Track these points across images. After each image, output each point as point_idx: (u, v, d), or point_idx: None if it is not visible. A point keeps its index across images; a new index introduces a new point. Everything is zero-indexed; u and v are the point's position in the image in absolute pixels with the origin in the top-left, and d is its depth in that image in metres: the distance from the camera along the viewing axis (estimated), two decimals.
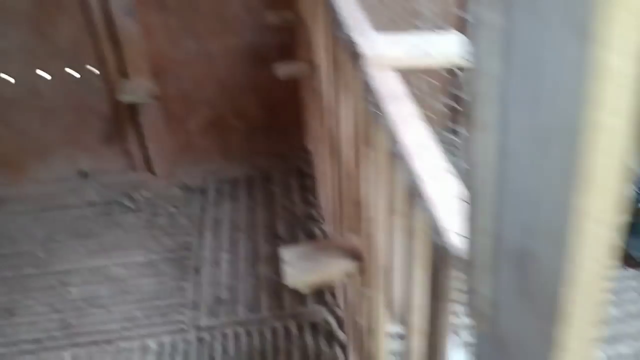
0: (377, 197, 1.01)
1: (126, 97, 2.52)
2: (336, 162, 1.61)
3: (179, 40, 2.71)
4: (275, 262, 2.27)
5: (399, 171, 0.88)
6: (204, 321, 2.18)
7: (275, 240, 2.54)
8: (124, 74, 2.68)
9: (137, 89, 2.58)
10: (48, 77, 2.71)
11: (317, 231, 2.57)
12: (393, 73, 0.94)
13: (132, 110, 2.78)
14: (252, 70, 2.83)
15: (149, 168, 2.99)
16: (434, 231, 0.65)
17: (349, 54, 1.06)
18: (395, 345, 1.29)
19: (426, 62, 0.94)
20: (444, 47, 0.95)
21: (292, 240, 2.53)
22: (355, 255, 1.29)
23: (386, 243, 0.98)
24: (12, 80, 2.69)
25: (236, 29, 2.72)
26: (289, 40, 2.77)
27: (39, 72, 2.68)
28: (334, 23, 1.27)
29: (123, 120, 2.84)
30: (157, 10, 2.63)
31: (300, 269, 1.25)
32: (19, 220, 2.76)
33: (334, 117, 1.51)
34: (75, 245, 2.57)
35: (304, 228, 2.60)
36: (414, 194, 0.75)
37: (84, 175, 2.99)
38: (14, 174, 2.95)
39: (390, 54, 0.94)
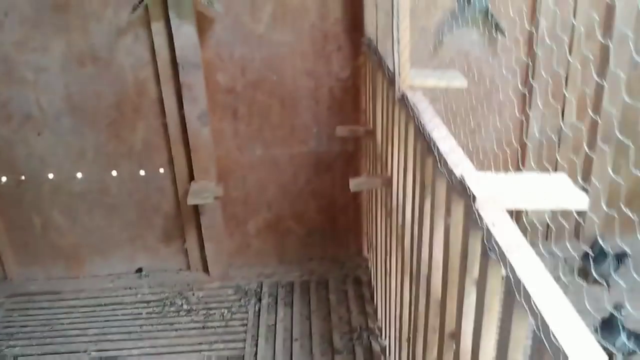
0: (487, 337, 0.96)
1: (191, 200, 2.57)
2: (416, 284, 1.57)
3: (246, 146, 2.80)
4: None
5: (519, 321, 0.84)
6: None
7: (331, 352, 2.45)
8: (191, 176, 2.76)
9: (202, 191, 2.63)
10: (117, 174, 2.80)
11: (374, 345, 2.47)
12: (507, 216, 0.93)
13: (194, 210, 2.83)
14: (314, 175, 2.88)
15: (205, 268, 2.99)
16: None
17: (457, 192, 1.06)
18: None
19: (543, 205, 0.93)
20: (560, 189, 0.94)
21: (349, 353, 2.44)
22: None
23: None
24: (82, 176, 2.79)
25: (303, 138, 2.79)
26: (353, 149, 2.82)
27: (110, 171, 2.78)
28: (431, 154, 1.28)
29: (184, 220, 2.89)
30: (229, 118, 2.73)
31: None
32: (74, 314, 2.75)
33: (419, 240, 1.50)
34: (128, 346, 2.53)
35: (361, 341, 2.51)
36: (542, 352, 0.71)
37: (140, 272, 3.01)
38: (72, 267, 2.99)
39: (505, 195, 0.93)
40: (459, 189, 1.04)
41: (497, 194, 0.95)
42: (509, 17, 2.53)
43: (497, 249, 0.85)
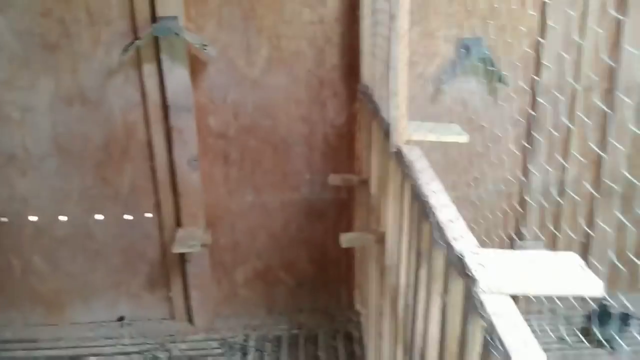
0: None
1: (177, 248, 2.46)
2: (409, 355, 1.45)
3: (236, 191, 2.70)
4: None
5: None
6: None
7: None
8: (178, 222, 2.65)
9: (189, 238, 2.52)
10: (102, 218, 2.69)
11: None
12: (513, 304, 0.82)
13: (180, 257, 2.72)
14: (306, 223, 2.77)
15: (189, 318, 2.85)
16: None
17: (456, 270, 0.96)
18: None
19: (554, 291, 0.83)
20: (571, 272, 0.84)
21: None
22: None
23: None
24: (65, 219, 2.68)
25: (295, 185, 2.70)
26: (347, 197, 2.73)
27: (95, 215, 2.67)
28: (428, 221, 1.18)
29: (170, 267, 2.77)
30: (220, 163, 2.65)
31: None
32: None
33: (413, 310, 1.39)
34: None
35: None
36: None
37: (122, 320, 2.87)
38: (52, 313, 2.85)
39: (511, 279, 0.83)
40: (458, 267, 0.94)
41: (502, 277, 0.85)
42: (511, 66, 2.48)
43: (501, 348, 0.74)
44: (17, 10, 2.35)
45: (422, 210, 1.28)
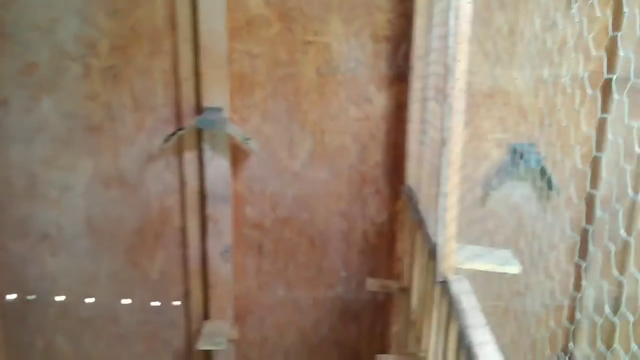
0: None
1: (202, 345, 2.33)
2: None
3: (268, 285, 2.59)
4: None
5: None
6: None
7: None
8: (206, 312, 2.55)
9: (216, 334, 2.40)
10: (129, 302, 2.61)
11: None
12: None
13: (206, 350, 2.59)
14: (339, 324, 2.63)
15: None
16: None
17: None
18: None
19: None
20: None
21: None
22: None
23: None
24: (92, 300, 2.61)
25: (330, 282, 2.58)
26: (384, 300, 2.58)
27: (122, 299, 2.60)
28: None
29: (194, 358, 2.64)
30: (253, 254, 2.55)
31: None
32: None
33: None
34: None
35: None
36: None
37: None
38: None
39: None
40: None
41: None
42: (565, 175, 2.35)
43: None
44: (64, 92, 2.37)
45: (467, 355, 1.14)
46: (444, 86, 1.44)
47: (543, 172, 2.35)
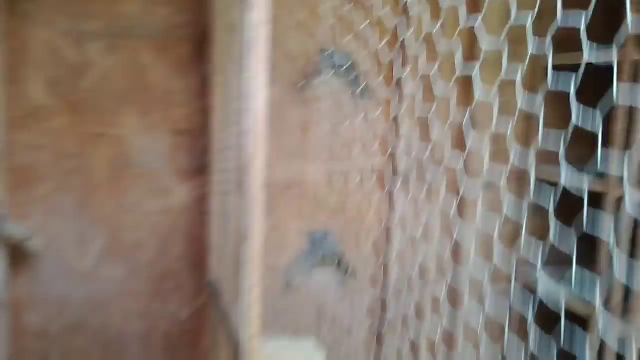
0: None
1: None
2: None
3: None
4: None
5: None
6: None
7: None
8: None
9: None
10: None
11: None
12: None
13: None
14: None
15: None
16: None
17: None
18: None
19: None
20: None
21: None
22: None
23: None
24: None
25: None
26: None
27: None
28: None
29: None
30: None
31: None
32: None
33: None
34: None
35: None
36: None
37: None
38: None
39: None
40: None
41: None
42: (360, 259, 2.49)
43: None
44: None
45: None
46: (242, 181, 1.46)
47: (339, 258, 2.47)
